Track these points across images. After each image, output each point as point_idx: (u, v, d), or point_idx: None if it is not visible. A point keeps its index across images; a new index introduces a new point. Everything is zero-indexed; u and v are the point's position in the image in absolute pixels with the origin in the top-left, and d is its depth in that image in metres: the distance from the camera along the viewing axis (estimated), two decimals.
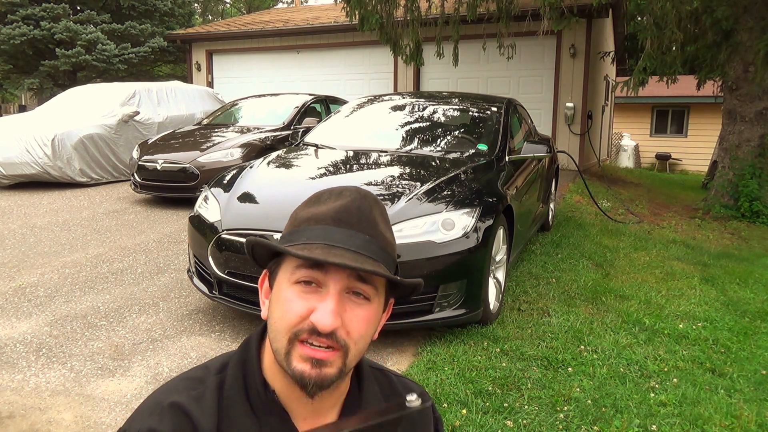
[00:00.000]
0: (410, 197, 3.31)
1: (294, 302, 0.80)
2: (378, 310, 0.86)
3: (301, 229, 0.83)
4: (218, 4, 34.41)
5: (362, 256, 0.80)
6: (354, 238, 0.81)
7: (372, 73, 11.53)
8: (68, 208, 6.36)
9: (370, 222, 0.83)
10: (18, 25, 15.24)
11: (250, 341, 0.91)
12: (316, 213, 0.84)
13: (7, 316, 3.45)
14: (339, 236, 0.81)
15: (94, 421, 2.40)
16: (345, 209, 0.83)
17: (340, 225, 0.82)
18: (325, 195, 0.87)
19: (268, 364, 0.87)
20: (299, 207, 0.89)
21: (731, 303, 4.18)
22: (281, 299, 0.82)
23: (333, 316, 0.78)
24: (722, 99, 8.53)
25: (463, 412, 2.46)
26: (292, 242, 0.83)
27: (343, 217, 0.82)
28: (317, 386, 0.80)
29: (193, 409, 0.83)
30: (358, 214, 0.83)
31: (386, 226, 0.87)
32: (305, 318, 0.79)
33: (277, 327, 0.82)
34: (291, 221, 0.88)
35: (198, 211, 3.59)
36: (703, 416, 2.54)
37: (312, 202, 0.87)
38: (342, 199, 0.85)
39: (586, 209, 7.26)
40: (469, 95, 5.76)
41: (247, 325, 3.38)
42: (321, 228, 0.82)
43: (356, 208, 0.83)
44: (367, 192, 0.87)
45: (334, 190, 0.87)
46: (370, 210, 0.84)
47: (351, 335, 0.81)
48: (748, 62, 7.59)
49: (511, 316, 3.58)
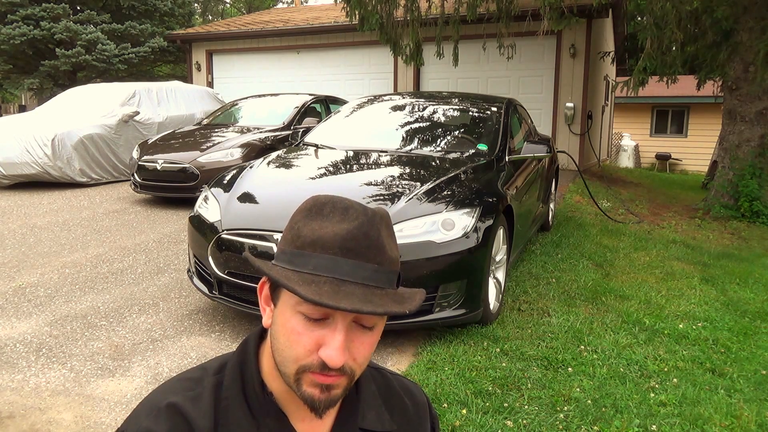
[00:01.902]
0: (410, 197, 3.31)
1: (301, 335, 0.79)
2: (381, 330, 0.86)
3: (306, 255, 0.80)
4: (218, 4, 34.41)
5: (371, 288, 0.79)
6: (362, 270, 0.79)
7: (372, 73, 11.53)
8: (68, 208, 6.36)
9: (378, 248, 0.81)
10: (18, 25, 15.23)
11: (248, 342, 0.91)
12: (322, 236, 0.80)
13: (7, 316, 3.45)
14: (347, 268, 0.79)
15: (94, 421, 2.40)
16: (352, 237, 0.80)
17: (348, 255, 0.79)
18: (327, 208, 0.83)
19: (267, 365, 0.87)
20: (300, 217, 0.84)
21: (731, 303, 4.18)
22: (287, 326, 0.81)
23: (342, 354, 0.78)
24: (722, 99, 8.52)
25: (463, 412, 2.46)
26: (295, 267, 0.80)
27: (351, 247, 0.79)
28: (326, 407, 0.81)
29: (189, 410, 0.83)
30: (366, 242, 0.80)
31: (392, 241, 0.85)
32: (313, 351, 0.79)
33: (284, 355, 0.81)
34: (292, 235, 0.83)
35: (198, 211, 3.59)
36: (703, 416, 2.54)
37: (314, 213, 0.83)
38: (348, 222, 0.81)
39: (586, 209, 7.26)
40: (469, 95, 5.76)
41: (247, 325, 3.38)
42: (328, 258, 0.79)
43: (363, 235, 0.80)
44: (373, 212, 0.84)
45: (337, 205, 0.83)
46: (378, 235, 0.82)
47: (357, 360, 0.82)
48: (748, 62, 7.59)
49: (511, 316, 3.58)
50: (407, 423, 0.99)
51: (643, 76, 7.46)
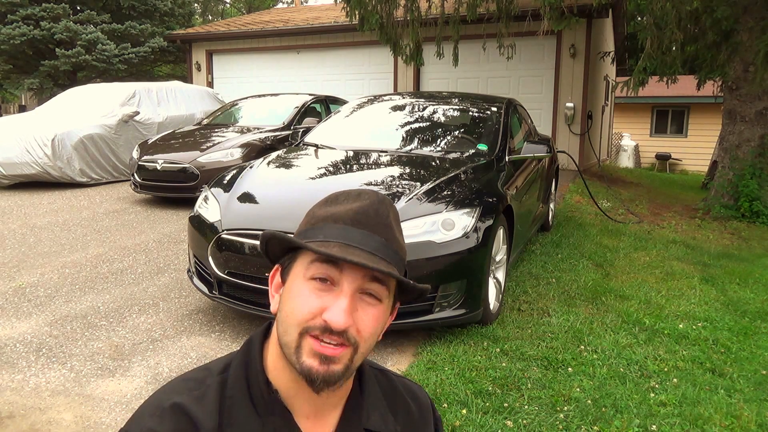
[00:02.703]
0: (410, 197, 3.31)
1: (308, 297, 0.81)
2: (387, 311, 0.87)
3: (318, 227, 0.84)
4: (218, 4, 34.41)
5: (377, 257, 0.82)
6: (370, 240, 0.83)
7: (372, 73, 11.53)
8: (68, 208, 6.36)
9: (386, 225, 0.85)
10: (18, 25, 15.23)
11: (252, 341, 0.91)
12: (334, 212, 0.85)
13: (7, 316, 3.45)
14: (356, 236, 0.82)
15: (94, 421, 2.40)
16: (363, 211, 0.84)
17: (357, 226, 0.83)
18: (342, 196, 0.88)
19: (271, 363, 0.87)
20: (316, 206, 0.89)
21: (731, 303, 4.18)
22: (294, 293, 0.83)
23: (346, 315, 0.79)
24: (722, 99, 8.52)
25: (463, 412, 2.46)
26: (308, 239, 0.84)
27: (361, 219, 0.84)
28: (324, 382, 0.81)
29: (194, 410, 0.83)
30: (375, 217, 0.84)
31: (400, 231, 0.89)
32: (318, 315, 0.80)
33: (288, 321, 0.82)
34: (307, 219, 0.88)
35: (198, 211, 3.59)
36: (703, 416, 2.54)
37: (329, 202, 0.88)
38: (360, 201, 0.86)
39: (586, 209, 7.26)
40: (469, 95, 5.76)
41: (247, 325, 3.38)
42: (339, 227, 0.83)
43: (374, 211, 0.85)
44: (384, 197, 0.88)
45: (351, 192, 0.88)
46: (387, 214, 0.86)
47: (361, 333, 0.82)
48: (748, 62, 7.59)
49: (511, 316, 3.58)
50: (411, 425, 0.99)
51: (643, 76, 7.45)
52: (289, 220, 3.13)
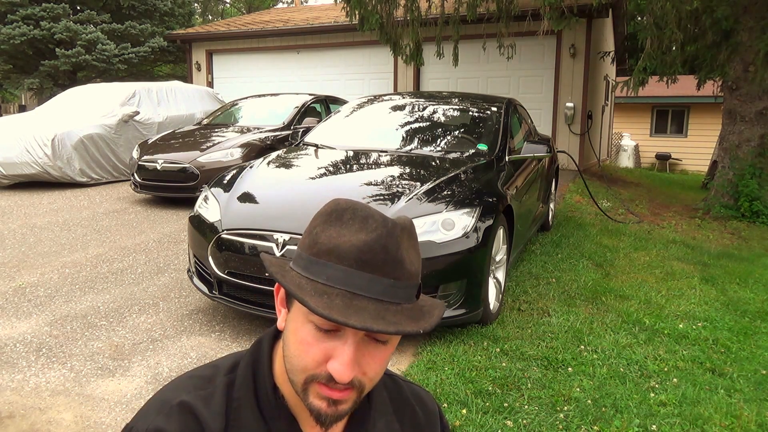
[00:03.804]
0: (410, 197, 3.31)
1: (311, 346, 0.78)
2: (394, 346, 0.84)
3: (321, 264, 0.77)
4: (218, 4, 34.41)
5: (385, 304, 0.76)
6: (377, 284, 0.76)
7: (372, 73, 11.53)
8: (68, 208, 6.36)
9: (396, 263, 0.78)
10: (18, 25, 15.24)
11: (261, 343, 0.90)
12: (339, 246, 0.77)
13: (7, 316, 3.45)
14: (361, 282, 0.76)
15: (94, 421, 2.40)
16: (369, 249, 0.77)
17: (363, 268, 0.76)
18: (347, 214, 0.80)
19: (279, 368, 0.86)
20: (319, 221, 0.81)
21: (731, 303, 4.18)
22: (298, 335, 0.79)
23: (350, 369, 0.76)
24: (722, 99, 8.52)
25: (463, 412, 2.46)
26: (310, 275, 0.78)
27: (367, 259, 0.76)
28: (332, 421, 0.80)
29: (201, 410, 0.82)
30: (383, 255, 0.77)
31: (413, 253, 0.83)
32: (322, 363, 0.77)
33: (293, 363, 0.80)
34: (310, 240, 0.81)
35: (198, 211, 3.59)
36: (703, 416, 2.54)
37: (333, 219, 0.80)
38: (366, 233, 0.78)
39: (586, 209, 7.26)
40: (469, 95, 5.76)
41: (247, 325, 3.38)
42: (342, 270, 0.76)
43: (381, 248, 0.77)
44: (394, 223, 0.80)
45: (357, 212, 0.80)
46: (397, 248, 0.78)
47: (367, 375, 0.80)
48: (748, 62, 7.59)
49: (511, 316, 3.58)
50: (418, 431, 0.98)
51: (643, 76, 7.46)
52: (289, 220, 3.15)
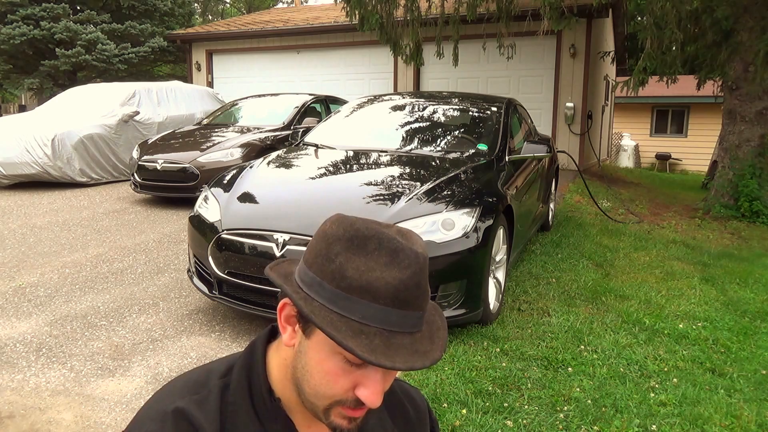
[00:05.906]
0: (410, 197, 3.31)
1: (340, 377, 0.78)
2: None
3: (354, 301, 0.75)
4: (218, 4, 34.41)
5: (415, 335, 0.78)
6: (410, 319, 0.78)
7: (372, 73, 11.52)
8: (68, 208, 6.36)
9: (425, 296, 0.79)
10: (18, 25, 15.23)
11: (255, 346, 0.90)
12: (373, 284, 0.75)
13: (7, 316, 3.45)
14: (397, 319, 0.76)
15: (94, 421, 2.39)
16: (406, 288, 0.76)
17: (400, 306, 0.76)
18: (372, 243, 0.77)
19: (276, 372, 0.86)
20: (340, 247, 0.78)
21: (731, 303, 4.18)
22: (325, 368, 0.79)
23: (381, 397, 0.79)
24: (722, 99, 8.52)
25: (463, 412, 2.46)
26: (341, 311, 0.75)
27: (404, 298, 0.76)
28: None
29: (196, 415, 0.82)
30: (417, 292, 0.77)
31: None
32: (350, 390, 0.79)
33: (318, 391, 0.80)
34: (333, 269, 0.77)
35: (198, 211, 3.59)
36: (703, 416, 2.54)
37: (356, 247, 0.77)
38: (400, 270, 0.76)
39: (586, 209, 7.26)
40: (469, 95, 5.76)
41: (247, 325, 3.38)
42: (379, 309, 0.75)
43: (415, 285, 0.77)
44: (424, 258, 0.79)
45: (383, 243, 0.77)
46: (426, 282, 0.79)
47: (386, 389, 0.82)
48: (748, 62, 7.59)
49: (511, 316, 3.58)
50: (408, 427, 1.00)
51: (643, 76, 7.45)
52: (289, 220, 3.15)
